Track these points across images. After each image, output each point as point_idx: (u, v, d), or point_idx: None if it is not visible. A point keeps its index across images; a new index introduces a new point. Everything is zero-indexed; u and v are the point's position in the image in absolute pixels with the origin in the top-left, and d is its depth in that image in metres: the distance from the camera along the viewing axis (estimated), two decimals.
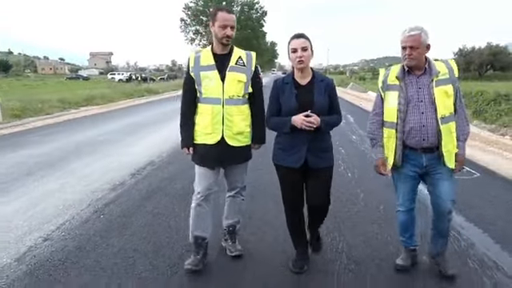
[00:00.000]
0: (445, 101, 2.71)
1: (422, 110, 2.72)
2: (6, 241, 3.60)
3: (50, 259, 3.24)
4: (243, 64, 3.00)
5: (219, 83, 2.92)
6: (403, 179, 2.93)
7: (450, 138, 2.76)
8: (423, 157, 2.80)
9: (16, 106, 14.72)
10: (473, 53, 47.58)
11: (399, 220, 3.05)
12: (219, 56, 2.98)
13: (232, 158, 3.06)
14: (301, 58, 2.75)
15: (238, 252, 3.24)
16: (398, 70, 2.83)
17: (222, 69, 2.94)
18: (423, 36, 2.67)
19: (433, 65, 2.76)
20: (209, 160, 3.01)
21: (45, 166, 6.45)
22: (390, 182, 5.20)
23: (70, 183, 5.42)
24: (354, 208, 4.41)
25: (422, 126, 2.73)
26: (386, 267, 3.11)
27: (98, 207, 4.44)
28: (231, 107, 2.95)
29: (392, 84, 2.83)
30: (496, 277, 2.97)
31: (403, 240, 3.08)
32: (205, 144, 2.98)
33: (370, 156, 7.14)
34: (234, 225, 3.31)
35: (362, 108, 16.46)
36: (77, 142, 8.79)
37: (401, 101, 2.76)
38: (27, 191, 5.09)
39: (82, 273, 3.02)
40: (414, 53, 2.68)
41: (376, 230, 3.82)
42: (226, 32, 2.88)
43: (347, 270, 3.08)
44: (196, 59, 3.00)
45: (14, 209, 4.43)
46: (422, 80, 2.76)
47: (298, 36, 2.82)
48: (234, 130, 2.98)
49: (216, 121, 2.94)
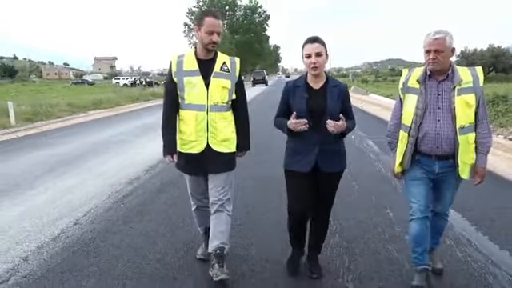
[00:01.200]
0: (465, 111, 2.60)
1: (439, 117, 2.63)
2: (40, 225, 4.12)
3: (81, 239, 3.74)
4: (227, 70, 2.93)
5: (203, 89, 2.84)
6: (416, 182, 2.82)
7: (468, 149, 2.66)
8: (436, 164, 2.72)
9: (27, 110, 15.31)
10: (474, 55, 47.96)
11: (413, 231, 2.84)
12: (203, 61, 2.89)
13: (217, 166, 2.96)
14: (315, 65, 2.68)
15: (224, 276, 2.83)
16: (420, 74, 2.73)
17: (206, 74, 2.86)
18: (448, 40, 2.57)
19: (456, 71, 2.64)
20: (193, 168, 2.99)
21: (64, 164, 6.98)
22: (383, 178, 5.71)
23: (89, 178, 5.94)
24: (349, 199, 4.87)
25: (437, 133, 2.64)
26: (373, 245, 3.58)
27: (117, 198, 4.95)
28: (215, 114, 2.88)
29: (412, 87, 2.74)
30: (468, 251, 3.44)
31: (415, 257, 2.88)
32: (189, 153, 2.93)
33: (367, 155, 7.63)
34: (221, 247, 2.95)
35: (363, 110, 16.90)
36: (91, 142, 9.34)
37: (419, 105, 2.67)
38: (52, 186, 5.60)
39: (111, 249, 3.51)
40: (438, 57, 2.57)
41: (367, 216, 4.29)
42: (212, 38, 2.80)
43: (339, 246, 3.55)
44: (178, 63, 2.90)
45: (42, 200, 4.95)
46: (442, 86, 2.65)
47: (313, 40, 2.72)
48: (219, 138, 2.92)
49: (200, 128, 2.87)
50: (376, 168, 6.56)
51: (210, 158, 2.89)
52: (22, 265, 3.26)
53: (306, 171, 2.77)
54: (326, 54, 2.73)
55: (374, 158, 7.29)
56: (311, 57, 2.68)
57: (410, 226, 2.84)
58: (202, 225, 3.25)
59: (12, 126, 12.59)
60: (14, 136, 11.11)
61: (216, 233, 2.98)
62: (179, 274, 3.09)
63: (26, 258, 3.38)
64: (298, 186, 2.84)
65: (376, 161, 7.06)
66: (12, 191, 5.35)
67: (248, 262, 3.29)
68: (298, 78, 2.91)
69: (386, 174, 5.99)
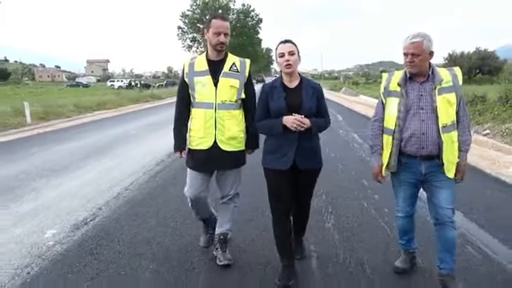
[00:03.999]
0: (447, 109, 2.65)
1: (423, 117, 2.67)
2: (100, 190, 5.41)
3: (133, 199, 5.02)
4: (236, 70, 3.08)
5: (212, 88, 3.00)
6: (402, 186, 2.89)
7: (452, 147, 2.69)
8: (422, 164, 2.75)
9: (39, 110, 16.43)
10: (462, 58, 49.43)
11: (398, 225, 3.05)
12: (213, 62, 3.06)
13: (225, 163, 3.11)
14: (288, 62, 2.78)
15: (227, 261, 3.14)
16: (401, 76, 2.77)
17: (215, 74, 3.02)
18: (425, 43, 2.61)
19: (437, 72, 2.70)
20: (202, 165, 3.12)
21: (95, 152, 8.25)
22: (362, 160, 7.16)
23: (122, 162, 7.22)
24: (334, 174, 6.20)
25: (422, 133, 2.67)
26: (350, 201, 4.90)
27: (151, 174, 6.23)
28: (223, 112, 3.02)
29: (393, 90, 2.79)
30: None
31: (402, 243, 3.08)
32: (199, 150, 3.08)
33: (352, 145, 8.99)
34: (225, 233, 3.25)
35: (351, 109, 18.33)
36: (110, 136, 10.60)
37: (401, 108, 2.71)
38: (93, 168, 6.87)
39: (160, 206, 4.77)
40: (415, 60, 2.62)
41: (347, 184, 5.62)
42: (219, 39, 2.97)
43: (325, 202, 4.86)
44: (191, 65, 3.10)
45: (92, 176, 6.23)
46: (424, 87, 2.70)
47: (285, 41, 2.86)
48: (227, 135, 3.04)
49: (208, 125, 3.02)
50: (357, 153, 7.92)
51: (218, 155, 3.04)
52: (98, 213, 4.54)
53: (285, 169, 2.83)
54: (298, 55, 2.85)
55: (357, 147, 8.65)
56: (284, 55, 2.79)
57: (397, 221, 3.05)
58: (199, 216, 3.45)
59: (29, 125, 13.69)
60: (35, 132, 12.26)
61: (222, 221, 3.27)
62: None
63: (100, 209, 4.67)
64: (278, 182, 2.89)
65: (359, 149, 8.41)
66: (64, 171, 6.62)
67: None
68: (273, 80, 3.00)
69: (365, 158, 7.36)
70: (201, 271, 3.15)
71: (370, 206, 4.66)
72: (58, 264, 3.29)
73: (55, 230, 4.04)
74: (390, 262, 3.22)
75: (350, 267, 3.19)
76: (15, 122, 13.57)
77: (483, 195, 4.97)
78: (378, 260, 3.28)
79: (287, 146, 2.82)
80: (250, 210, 4.36)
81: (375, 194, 5.04)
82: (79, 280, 3.02)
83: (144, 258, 3.39)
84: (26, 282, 3.02)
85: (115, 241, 3.73)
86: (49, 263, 3.32)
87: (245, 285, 2.98)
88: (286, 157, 2.82)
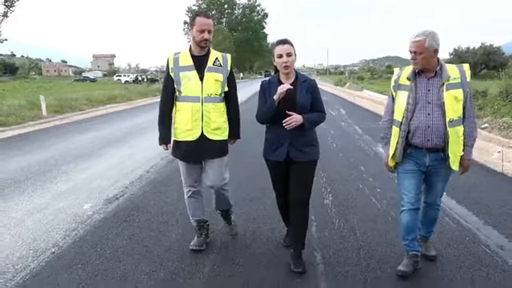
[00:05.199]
0: (454, 105, 2.74)
1: (429, 111, 2.77)
2: (124, 173, 6.09)
3: (155, 180, 5.68)
4: (220, 65, 3.19)
5: (198, 83, 3.11)
6: (408, 175, 2.97)
7: (457, 141, 2.80)
8: (427, 156, 2.86)
9: (53, 103, 17.12)
10: (467, 53, 49.52)
11: (403, 221, 3.03)
12: (197, 57, 3.16)
13: (211, 152, 3.24)
14: (286, 64, 2.91)
15: (235, 231, 3.72)
16: (410, 71, 2.87)
17: (200, 69, 3.13)
18: (428, 41, 2.67)
19: (445, 69, 2.78)
20: (190, 156, 3.24)
21: (114, 141, 8.94)
22: (361, 150, 7.78)
23: (141, 149, 7.89)
24: (334, 161, 6.80)
25: (428, 126, 2.78)
26: (348, 183, 5.50)
27: (168, 160, 6.85)
28: (209, 104, 3.15)
29: (403, 84, 2.89)
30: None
31: (406, 244, 3.07)
32: (187, 141, 3.18)
33: (353, 136, 9.57)
34: (225, 209, 3.60)
35: (354, 103, 18.87)
36: (125, 127, 11.30)
37: (409, 101, 2.81)
38: (115, 154, 7.56)
39: (179, 185, 5.30)
40: (418, 57, 2.71)
41: (346, 170, 6.22)
42: (203, 36, 3.06)
43: (325, 183, 5.47)
44: (175, 60, 3.18)
45: (115, 161, 6.91)
46: (432, 82, 2.79)
47: (283, 42, 2.95)
48: (212, 126, 3.18)
49: (195, 118, 3.13)
50: (357, 144, 8.51)
51: (205, 145, 3.17)
52: (125, 190, 5.20)
53: (280, 160, 3.06)
54: (294, 54, 2.97)
55: (357, 138, 9.24)
56: (282, 57, 2.91)
57: (401, 216, 3.03)
58: (195, 215, 3.48)
59: (45, 117, 14.35)
60: (52, 124, 12.94)
61: (218, 204, 3.55)
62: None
63: (127, 187, 5.33)
64: (276, 172, 3.19)
65: (359, 140, 9.00)
66: (88, 157, 7.30)
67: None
68: (271, 78, 3.17)
69: (364, 147, 7.97)
70: (218, 234, 3.77)
71: (365, 186, 5.27)
72: (99, 228, 3.95)
73: (91, 203, 4.70)
74: (377, 228, 3.85)
75: (344, 232, 3.80)
76: (32, 114, 14.20)
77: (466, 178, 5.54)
78: (367, 227, 3.89)
79: (282, 139, 3.01)
80: (257, 190, 4.99)
81: (370, 177, 5.65)
82: (117, 240, 3.67)
83: (170, 224, 4.04)
84: (75, 241, 3.67)
85: (144, 211, 4.39)
86: (91, 228, 3.97)
87: (256, 240, 3.63)
88: (281, 149, 3.02)
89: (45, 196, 5.00)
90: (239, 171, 5.75)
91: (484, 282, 2.89)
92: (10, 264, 3.23)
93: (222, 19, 69.67)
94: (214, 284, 2.95)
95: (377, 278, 2.96)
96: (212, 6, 66.61)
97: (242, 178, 5.59)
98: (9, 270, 3.13)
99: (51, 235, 3.80)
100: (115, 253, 3.40)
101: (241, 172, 5.80)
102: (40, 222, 4.14)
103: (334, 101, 20.30)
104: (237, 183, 5.03)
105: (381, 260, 3.22)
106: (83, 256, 3.34)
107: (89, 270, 3.11)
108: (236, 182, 4.90)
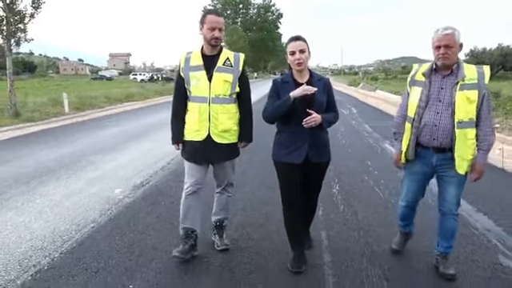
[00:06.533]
0: (466, 106, 2.66)
1: (439, 110, 2.73)
2: (147, 164, 6.62)
3: (177, 170, 6.15)
4: (230, 65, 3.12)
5: (206, 83, 3.07)
6: (412, 177, 3.00)
7: (465, 143, 2.72)
8: (434, 156, 2.83)
9: (74, 101, 17.85)
10: (484, 54, 49.12)
11: (399, 211, 3.18)
12: (208, 57, 3.12)
13: (218, 155, 3.19)
14: (299, 61, 2.83)
15: (224, 246, 3.39)
16: (427, 68, 2.84)
17: (209, 69, 3.08)
18: (457, 35, 2.66)
19: (462, 67, 2.72)
20: (196, 156, 3.18)
21: (135, 137, 9.51)
22: (369, 146, 8.19)
23: (162, 143, 8.38)
24: (343, 156, 7.23)
25: (434, 125, 2.74)
26: (354, 175, 5.93)
27: None
28: (217, 106, 3.08)
29: (418, 80, 2.87)
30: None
31: (400, 225, 3.27)
32: (193, 141, 3.15)
33: (362, 134, 9.96)
34: (221, 220, 3.48)
35: (366, 103, 19.18)
36: (145, 124, 11.91)
37: (422, 97, 2.79)
38: (136, 148, 8.12)
39: None
40: (449, 52, 2.65)
41: (353, 164, 6.65)
42: (214, 34, 3.02)
43: (333, 174, 5.91)
44: (186, 60, 3.16)
45: (138, 154, 7.47)
46: (446, 81, 2.74)
47: (296, 39, 2.86)
48: (220, 128, 3.11)
49: (203, 118, 3.08)
50: (365, 141, 8.91)
51: (211, 147, 3.12)
52: (150, 179, 5.72)
53: (298, 162, 2.91)
54: (308, 51, 2.88)
55: (366, 136, 9.63)
56: (295, 53, 2.83)
57: (399, 207, 3.24)
58: (186, 221, 3.26)
59: (67, 114, 15.06)
60: (75, 121, 13.60)
61: (218, 210, 3.47)
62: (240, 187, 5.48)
63: (151, 176, 5.86)
64: (290, 176, 2.98)
65: (368, 137, 9.39)
66: (113, 150, 7.87)
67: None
68: (284, 75, 3.06)
69: (372, 144, 8.38)
70: (234, 215, 4.24)
71: (370, 178, 5.69)
72: (130, 209, 4.47)
73: (121, 189, 5.23)
74: (378, 213, 4.28)
75: (347, 216, 4.24)
76: (54, 111, 14.96)
77: None
78: (368, 212, 4.32)
79: (301, 140, 2.88)
80: (263, 188, 5.44)
81: (376, 170, 6.08)
82: (147, 218, 4.18)
83: None
84: (111, 218, 4.19)
85: (168, 196, 4.89)
86: (123, 208, 4.50)
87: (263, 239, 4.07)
88: (300, 151, 2.89)
89: (78, 182, 5.55)
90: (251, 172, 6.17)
91: (469, 257, 3.29)
92: (58, 235, 3.77)
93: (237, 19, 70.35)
94: (231, 254, 3.40)
95: (373, 252, 3.40)
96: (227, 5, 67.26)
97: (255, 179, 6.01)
98: (57, 240, 3.67)
99: (89, 214, 4.33)
100: (146, 228, 3.90)
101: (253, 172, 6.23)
102: (77, 203, 4.68)
103: (346, 100, 20.65)
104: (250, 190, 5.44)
105: (378, 238, 3.66)
106: (119, 230, 3.86)
107: (125, 240, 3.62)
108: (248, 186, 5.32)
